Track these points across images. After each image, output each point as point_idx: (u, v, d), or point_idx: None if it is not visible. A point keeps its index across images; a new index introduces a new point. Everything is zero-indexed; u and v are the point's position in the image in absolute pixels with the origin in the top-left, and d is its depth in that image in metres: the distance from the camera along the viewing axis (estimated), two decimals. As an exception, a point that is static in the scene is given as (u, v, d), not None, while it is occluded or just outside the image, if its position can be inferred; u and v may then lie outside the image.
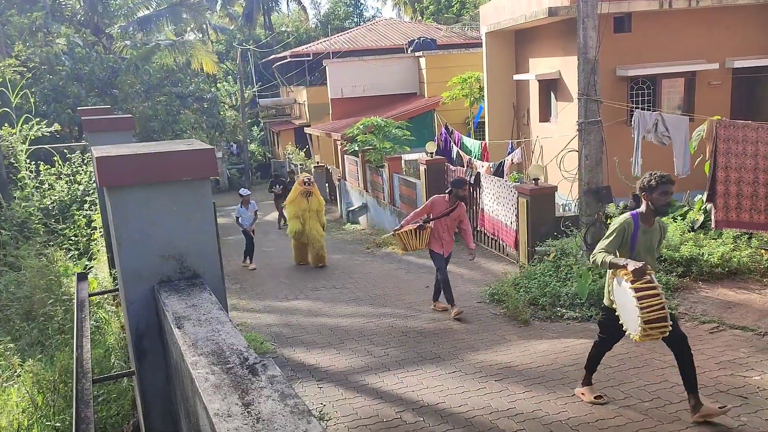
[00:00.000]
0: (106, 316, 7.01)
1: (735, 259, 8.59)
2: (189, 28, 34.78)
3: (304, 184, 12.59)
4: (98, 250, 9.22)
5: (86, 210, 10.13)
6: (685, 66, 12.40)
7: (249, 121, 38.66)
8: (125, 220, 2.31)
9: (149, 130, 21.23)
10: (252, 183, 35.56)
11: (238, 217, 14.34)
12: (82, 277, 3.97)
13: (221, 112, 29.77)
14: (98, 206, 8.48)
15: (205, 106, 25.14)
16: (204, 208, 2.36)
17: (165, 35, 27.21)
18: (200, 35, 39.35)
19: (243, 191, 14.60)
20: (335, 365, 7.25)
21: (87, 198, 10.56)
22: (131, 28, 26.31)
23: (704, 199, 9.18)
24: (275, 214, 22.91)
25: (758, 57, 12.37)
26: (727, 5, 12.09)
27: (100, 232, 8.99)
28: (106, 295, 7.04)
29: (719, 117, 8.72)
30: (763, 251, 8.87)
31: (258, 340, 8.25)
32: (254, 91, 38.97)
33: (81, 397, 2.38)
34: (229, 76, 41.77)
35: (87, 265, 8.63)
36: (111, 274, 7.26)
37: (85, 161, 11.86)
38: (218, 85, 38.87)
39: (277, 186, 20.34)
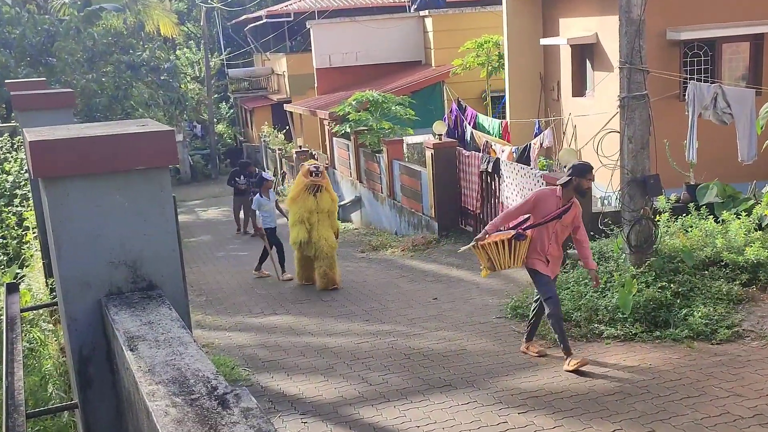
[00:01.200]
0: (42, 337, 7.01)
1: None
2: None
3: (311, 175, 11.40)
4: (32, 255, 9.22)
5: (16, 206, 10.13)
6: (751, 27, 12.40)
7: (216, 96, 38.66)
8: (65, 218, 2.30)
9: (94, 107, 21.20)
10: (220, 172, 35.60)
11: (256, 210, 13.81)
12: (12, 288, 3.97)
13: (182, 86, 29.70)
14: (32, 201, 8.46)
15: (163, 78, 25.07)
16: (162, 203, 2.36)
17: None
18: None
19: (265, 174, 14.12)
20: (323, 395, 7.26)
21: (17, 191, 10.56)
22: (71, -17, 26.25)
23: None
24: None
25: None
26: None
27: (34, 233, 8.99)
28: (42, 311, 7.05)
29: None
30: None
31: (228, 365, 8.27)
32: (222, 60, 38.94)
33: (12, 435, 2.37)
34: (192, 42, 41.76)
35: (18, 273, 8.62)
36: (48, 285, 7.26)
37: (15, 146, 11.86)
38: (178, 52, 38.86)
39: (241, 178, 19.36)
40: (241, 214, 19.79)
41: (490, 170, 13.03)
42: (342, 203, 20.17)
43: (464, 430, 6.03)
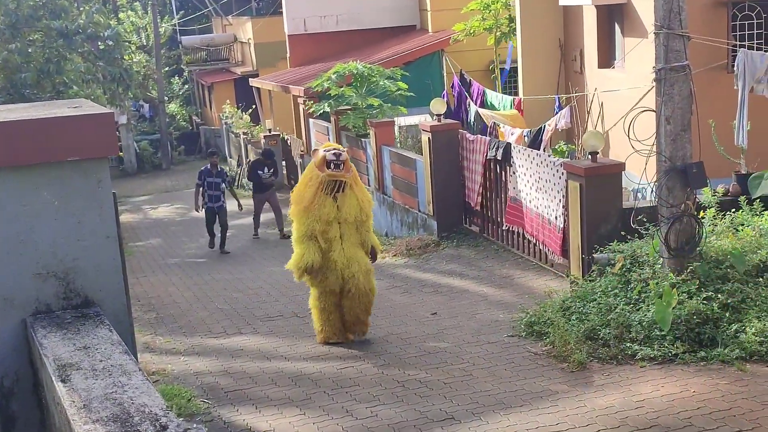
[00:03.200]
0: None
1: None
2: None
3: (331, 166, 9.08)
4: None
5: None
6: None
7: (167, 69, 38.57)
8: (-18, 221, 2.28)
9: (18, 84, 21.10)
10: (173, 161, 35.49)
11: None
12: None
13: (126, 57, 29.57)
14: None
15: (102, 47, 25.00)
16: (100, 201, 2.33)
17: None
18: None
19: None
20: (299, 432, 7.26)
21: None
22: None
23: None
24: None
25: None
26: None
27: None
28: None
29: None
30: None
31: (184, 396, 8.25)
32: (174, 25, 38.83)
33: None
34: (137, 3, 41.59)
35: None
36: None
37: None
38: (120, 15, 38.67)
39: (265, 171, 18.90)
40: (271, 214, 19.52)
41: (499, 158, 13.04)
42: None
43: (470, 472, 6.04)
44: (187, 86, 40.59)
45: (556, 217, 11.29)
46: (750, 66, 9.76)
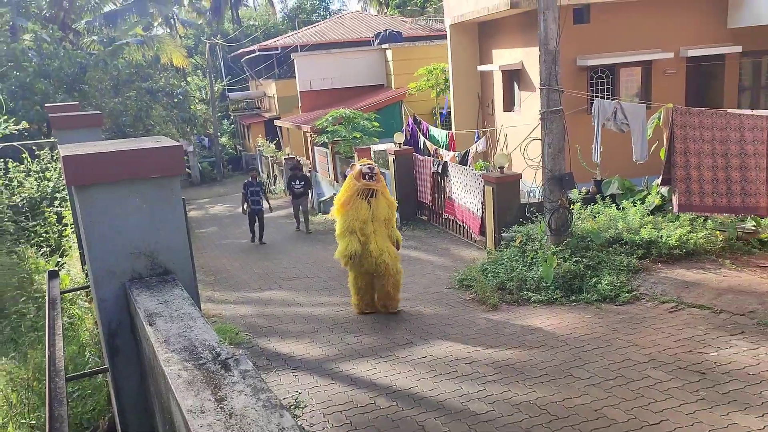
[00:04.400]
0: (80, 313, 6.89)
1: (692, 241, 8.77)
2: (156, 23, 34.11)
3: (365, 178, 8.15)
4: (70, 247, 9.05)
5: (57, 207, 9.92)
6: (641, 55, 12.56)
7: (219, 114, 38.21)
8: (94, 218, 2.25)
9: (121, 125, 20.83)
10: (224, 176, 35.22)
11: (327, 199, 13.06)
12: (53, 274, 3.88)
13: (192, 106, 29.29)
14: (69, 203, 8.30)
15: (176, 100, 24.70)
16: (174, 204, 2.31)
17: (133, 30, 26.63)
18: (168, 30, 38.63)
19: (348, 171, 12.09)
20: (310, 353, 7.24)
21: (57, 195, 10.34)
22: (98, 23, 25.68)
23: (659, 183, 9.33)
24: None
25: (710, 46, 12.59)
26: (680, -4, 12.28)
27: (72, 228, 8.81)
28: (80, 292, 6.92)
29: (671, 104, 8.85)
30: (717, 232, 9.06)
31: (233, 331, 8.20)
32: (224, 85, 38.49)
33: (54, 395, 2.32)
34: (199, 71, 41.18)
35: (59, 261, 8.45)
36: (84, 271, 7.13)
37: (54, 158, 11.60)
38: (188, 79, 38.25)
39: (296, 182, 16.89)
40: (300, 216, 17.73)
41: (440, 171, 13.05)
42: (322, 199, 20.09)
43: (423, 378, 6.04)
44: (232, 126, 40.20)
45: (477, 209, 11.32)
46: (602, 110, 9.80)
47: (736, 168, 8.58)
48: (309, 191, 17.47)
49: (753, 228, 9.22)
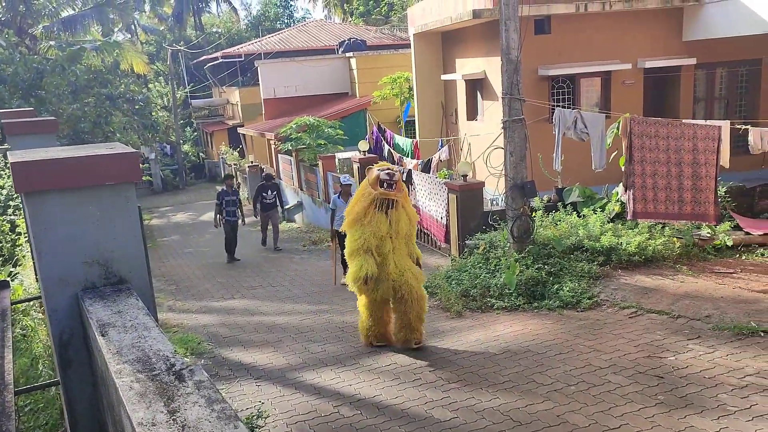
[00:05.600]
0: (33, 324, 6.69)
1: (650, 248, 8.95)
2: (117, 29, 33.57)
3: (383, 186, 6.72)
4: (24, 256, 8.80)
5: (10, 215, 9.64)
6: (601, 66, 12.80)
7: (182, 121, 37.73)
8: (45, 226, 2.18)
9: (79, 131, 20.43)
10: (187, 184, 34.78)
11: (333, 210, 10.76)
12: (3, 284, 3.75)
13: (153, 113, 28.89)
14: (23, 211, 8.08)
15: (137, 107, 24.33)
16: (129, 212, 2.25)
17: (92, 36, 26.15)
18: (129, 36, 38.05)
19: (344, 178, 10.81)
20: (273, 363, 7.15)
21: (11, 203, 10.06)
22: (56, 29, 25.16)
23: (620, 191, 9.51)
24: (213, 215, 20.87)
25: (666, 58, 12.90)
26: (637, 9, 12.55)
27: (26, 237, 8.58)
28: (33, 302, 6.72)
29: (629, 114, 9.04)
30: (675, 239, 9.27)
31: (195, 341, 8.06)
32: (186, 92, 38.03)
33: (2, 410, 2.24)
34: (161, 77, 40.60)
35: (12, 271, 8.21)
36: (38, 280, 6.93)
37: (8, 165, 11.29)
38: (149, 86, 37.73)
39: (268, 193, 15.19)
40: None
41: (404, 179, 13.06)
42: (287, 207, 19.97)
43: (387, 386, 6.02)
44: (195, 133, 39.71)
45: (441, 217, 11.36)
46: (562, 119, 9.94)
47: (689, 176, 8.79)
48: (280, 203, 15.83)
49: (708, 235, 9.46)
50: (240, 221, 14.35)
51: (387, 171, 6.76)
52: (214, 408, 1.29)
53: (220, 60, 32.13)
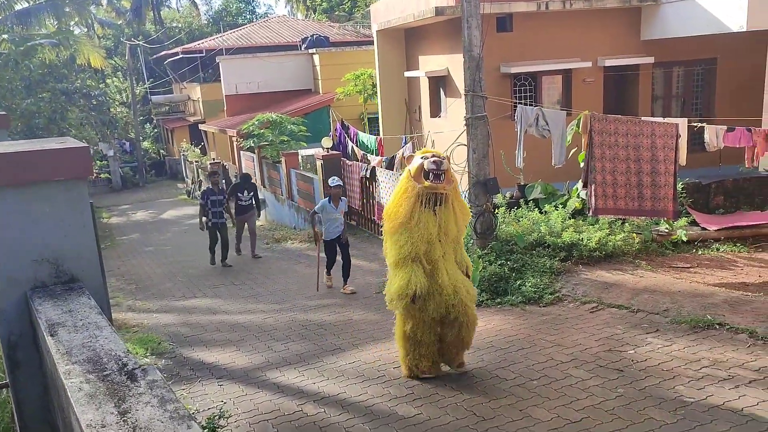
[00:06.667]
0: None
1: (610, 243, 9.10)
2: (73, 23, 32.74)
3: (429, 177, 5.42)
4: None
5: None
6: (562, 64, 12.98)
7: (141, 118, 37.03)
8: (-9, 223, 2.10)
9: (33, 127, 19.89)
10: (147, 181, 34.19)
11: (317, 213, 10.00)
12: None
13: (111, 109, 28.30)
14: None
15: (94, 102, 23.80)
16: (81, 209, 2.18)
17: (47, 29, 25.45)
18: (85, 30, 37.16)
19: (333, 181, 9.91)
20: (236, 362, 7.07)
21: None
22: (9, 22, 24.43)
23: (579, 187, 9.64)
24: (174, 212, 20.65)
25: (625, 56, 13.15)
26: (597, 8, 12.76)
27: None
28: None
29: (588, 111, 9.17)
30: (634, 235, 9.45)
31: (155, 341, 7.93)
32: (146, 88, 37.33)
33: (-52, 415, 2.16)
34: (119, 72, 39.79)
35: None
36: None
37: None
38: (107, 81, 36.94)
39: (244, 193, 13.51)
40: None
41: (368, 176, 13.06)
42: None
43: (351, 383, 6.00)
44: (156, 130, 39.04)
45: (405, 214, 11.35)
46: (525, 116, 10.04)
47: (648, 173, 8.96)
48: (257, 205, 14.07)
49: (666, 231, 9.67)
50: (228, 223, 13.01)
51: (433, 159, 5.41)
52: (167, 408, 1.25)
53: (181, 55, 31.64)
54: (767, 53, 11.48)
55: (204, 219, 12.72)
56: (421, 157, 5.55)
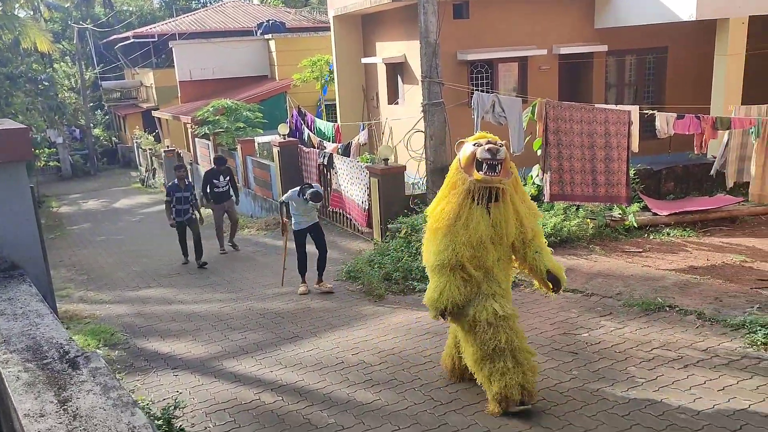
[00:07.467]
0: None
1: (565, 229, 9.25)
2: (18, 5, 31.51)
3: (483, 168, 4.57)
4: None
5: None
6: (518, 51, 13.07)
7: (92, 104, 36.02)
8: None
9: (-25, 113, 19.17)
10: (98, 170, 33.34)
11: (286, 203, 9.05)
12: None
13: (59, 95, 27.43)
14: None
15: (41, 87, 23.02)
16: (21, 194, 2.09)
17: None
18: (31, 13, 35.86)
19: (312, 193, 8.56)
20: (191, 352, 6.97)
21: None
22: (-52, 3, 23.40)
23: (534, 173, 9.76)
24: (127, 201, 20.03)
25: (580, 44, 13.32)
26: (553, -4, 12.90)
27: None
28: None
29: (543, 99, 9.27)
30: (588, 221, 9.62)
31: (108, 332, 7.77)
32: (96, 73, 36.30)
33: None
34: (68, 57, 38.57)
35: None
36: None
37: None
38: (55, 65, 35.77)
39: (220, 179, 12.30)
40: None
41: (326, 163, 12.98)
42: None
43: (309, 371, 5.97)
44: (107, 116, 38.03)
45: (363, 201, 11.36)
46: (481, 103, 10.10)
47: (602, 159, 9.13)
48: (235, 191, 12.76)
49: (619, 216, 9.88)
50: (197, 219, 11.77)
51: (488, 146, 4.56)
52: (110, 395, 1.21)
53: (132, 40, 30.82)
54: (715, 42, 11.78)
55: (172, 216, 11.66)
56: (474, 144, 4.66)
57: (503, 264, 4.84)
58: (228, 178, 12.41)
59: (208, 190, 12.29)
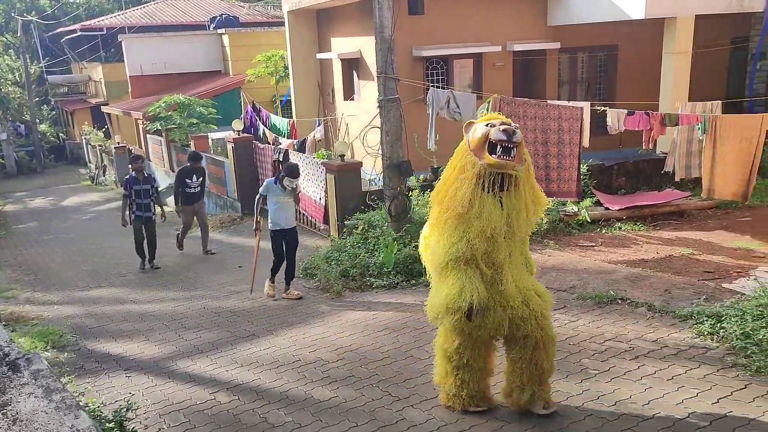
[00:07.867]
0: None
1: (519, 223, 9.35)
2: (-43, -5, 30.40)
3: (497, 150, 4.06)
4: None
5: None
6: (473, 48, 13.18)
7: (38, 99, 34.92)
8: None
9: None
10: (45, 167, 32.36)
11: (264, 196, 8.50)
12: None
13: (2, 89, 26.52)
14: None
15: (-18, 82, 22.21)
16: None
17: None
18: (-28, 4, 34.59)
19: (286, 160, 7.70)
20: (144, 353, 6.83)
21: None
22: None
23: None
24: (77, 199, 19.51)
25: (533, 41, 13.51)
26: (506, -7, 13.03)
27: None
28: None
29: (497, 95, 9.37)
30: (542, 215, 9.75)
31: (57, 333, 7.56)
32: (41, 67, 35.18)
33: None
34: (11, 50, 37.29)
35: None
36: None
37: None
38: (-2, 59, 34.58)
39: (193, 179, 11.54)
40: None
41: (281, 159, 12.85)
42: (160, 189, 19.02)
43: (266, 369, 5.91)
44: (54, 112, 36.91)
45: (320, 198, 11.30)
46: (436, 99, 10.14)
47: (554, 155, 9.28)
48: (204, 191, 12.06)
49: (573, 211, 10.06)
50: (157, 217, 11.07)
51: (503, 126, 4.10)
52: (52, 398, 1.16)
53: (79, 33, 29.92)
54: (663, 40, 12.09)
55: (127, 213, 10.80)
56: (486, 124, 4.18)
57: (515, 262, 4.34)
58: (201, 179, 11.65)
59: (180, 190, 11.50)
